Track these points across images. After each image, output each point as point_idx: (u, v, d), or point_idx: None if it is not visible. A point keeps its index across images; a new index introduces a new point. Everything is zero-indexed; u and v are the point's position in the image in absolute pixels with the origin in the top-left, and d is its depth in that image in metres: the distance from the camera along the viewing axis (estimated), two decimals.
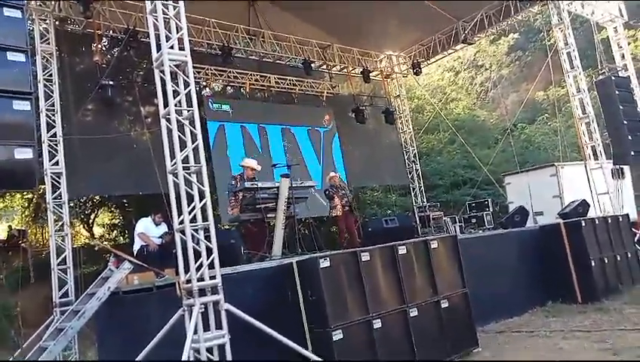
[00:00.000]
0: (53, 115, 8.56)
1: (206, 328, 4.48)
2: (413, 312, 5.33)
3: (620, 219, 9.04)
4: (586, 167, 10.88)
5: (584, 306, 7.49)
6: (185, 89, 4.92)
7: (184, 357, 4.28)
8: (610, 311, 7.02)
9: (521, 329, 6.67)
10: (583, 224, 8.06)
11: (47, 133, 8.44)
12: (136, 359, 4.58)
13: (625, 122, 10.29)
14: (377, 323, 5.00)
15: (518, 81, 24.85)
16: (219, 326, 4.53)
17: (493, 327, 6.82)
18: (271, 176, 9.10)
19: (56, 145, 8.50)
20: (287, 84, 13.20)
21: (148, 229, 8.15)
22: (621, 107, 10.39)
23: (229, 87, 13.15)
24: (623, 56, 12.29)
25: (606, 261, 8.06)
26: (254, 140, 12.32)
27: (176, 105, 4.84)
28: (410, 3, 11.31)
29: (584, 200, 9.64)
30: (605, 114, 10.85)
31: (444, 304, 5.66)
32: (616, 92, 10.48)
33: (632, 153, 10.24)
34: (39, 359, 5.56)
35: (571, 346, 5.54)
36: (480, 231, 10.88)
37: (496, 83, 25.43)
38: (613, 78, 11.04)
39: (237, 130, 12.13)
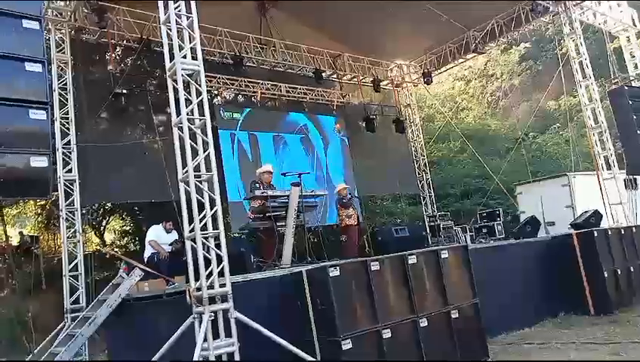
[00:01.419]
0: (68, 124, 8.69)
1: (215, 336, 4.50)
2: (423, 322, 5.29)
3: (634, 230, 8.91)
4: (598, 177, 10.77)
5: (597, 318, 7.39)
6: (197, 98, 4.99)
7: None
8: (623, 323, 6.92)
9: (532, 340, 6.58)
10: (596, 234, 7.96)
11: (62, 141, 8.56)
12: None
13: (638, 132, 10.19)
14: (387, 333, 4.97)
15: (530, 91, 24.70)
16: (228, 334, 4.55)
17: (504, 339, 6.74)
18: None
19: (69, 153, 8.61)
20: (298, 93, 13.28)
21: (159, 237, 8.20)
22: (634, 117, 10.27)
23: (240, 96, 13.25)
24: (636, 66, 12.23)
25: (619, 272, 7.94)
26: (265, 148, 12.37)
27: (188, 114, 4.90)
28: (421, 13, 11.33)
29: (597, 210, 9.53)
30: (618, 124, 10.75)
31: (455, 314, 5.61)
32: (630, 102, 10.37)
33: None
34: None
35: (583, 358, 5.47)
36: (491, 241, 10.79)
37: (507, 92, 25.35)
38: (626, 87, 10.96)
39: (248, 139, 12.20)
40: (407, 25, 12.36)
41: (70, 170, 8.57)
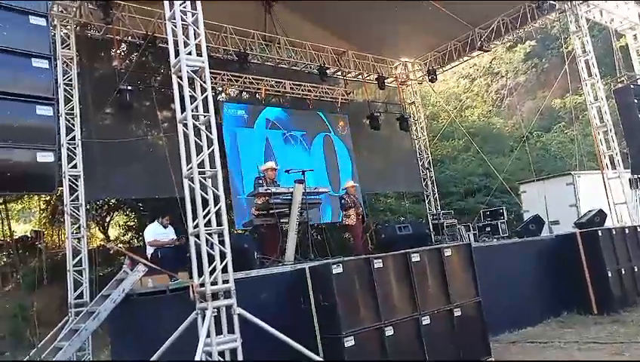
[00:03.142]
0: (73, 119, 8.73)
1: (218, 332, 4.51)
2: (426, 320, 5.30)
3: (638, 230, 8.88)
4: (603, 176, 10.73)
5: (600, 317, 7.39)
6: (202, 94, 5.00)
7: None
8: (626, 323, 6.91)
9: (535, 339, 6.59)
10: (600, 234, 7.95)
11: (67, 136, 8.60)
12: (149, 361, 4.63)
13: None
14: (389, 331, 4.98)
15: (535, 89, 24.63)
16: (231, 330, 4.57)
17: (507, 337, 6.76)
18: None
19: (74, 148, 8.66)
20: (303, 90, 13.27)
21: (156, 234, 8.21)
22: None
23: (244, 93, 13.26)
24: None
25: (623, 272, 7.93)
26: (270, 145, 12.36)
27: (193, 111, 4.90)
28: (426, 10, 11.31)
29: (601, 209, 9.52)
30: (623, 122, 10.71)
31: (457, 312, 5.62)
32: (635, 100, 10.35)
33: None
34: (54, 359, 5.65)
35: (586, 358, 5.46)
36: (494, 240, 10.79)
37: (512, 90, 25.26)
38: (632, 86, 10.92)
39: (252, 135, 12.20)
40: (412, 22, 12.32)
41: (75, 166, 8.61)
